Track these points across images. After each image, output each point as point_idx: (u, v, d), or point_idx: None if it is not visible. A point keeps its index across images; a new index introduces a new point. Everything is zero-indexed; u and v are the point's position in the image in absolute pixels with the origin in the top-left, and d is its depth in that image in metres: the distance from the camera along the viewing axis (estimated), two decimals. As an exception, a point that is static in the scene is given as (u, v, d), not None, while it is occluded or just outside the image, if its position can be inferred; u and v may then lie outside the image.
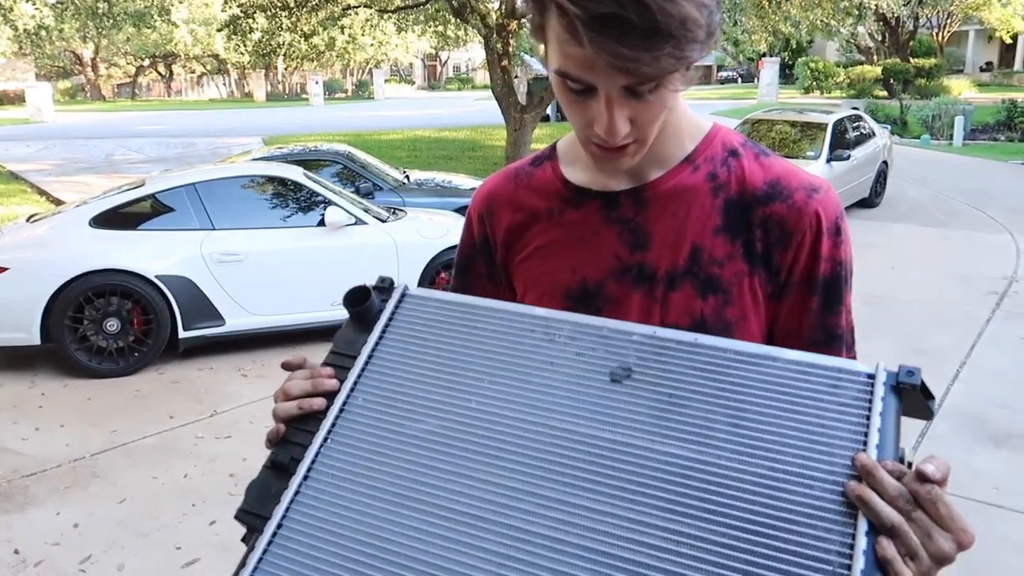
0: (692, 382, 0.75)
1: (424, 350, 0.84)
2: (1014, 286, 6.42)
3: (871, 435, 0.68)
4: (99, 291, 4.70)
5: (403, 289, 0.89)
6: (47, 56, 39.49)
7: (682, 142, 0.91)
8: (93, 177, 12.56)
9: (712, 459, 0.71)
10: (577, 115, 0.81)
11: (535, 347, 0.80)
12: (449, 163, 13.02)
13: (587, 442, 0.74)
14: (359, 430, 0.80)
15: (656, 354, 0.76)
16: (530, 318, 0.82)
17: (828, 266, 0.88)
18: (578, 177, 0.95)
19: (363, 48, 30.36)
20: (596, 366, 0.77)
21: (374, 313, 0.88)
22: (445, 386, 0.81)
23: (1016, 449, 3.74)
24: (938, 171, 12.90)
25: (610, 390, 0.76)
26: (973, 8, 28.38)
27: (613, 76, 0.74)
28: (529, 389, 0.78)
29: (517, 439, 0.76)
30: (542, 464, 0.74)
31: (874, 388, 0.70)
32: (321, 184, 5.55)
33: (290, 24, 12.62)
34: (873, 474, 0.65)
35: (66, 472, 3.61)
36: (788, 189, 0.88)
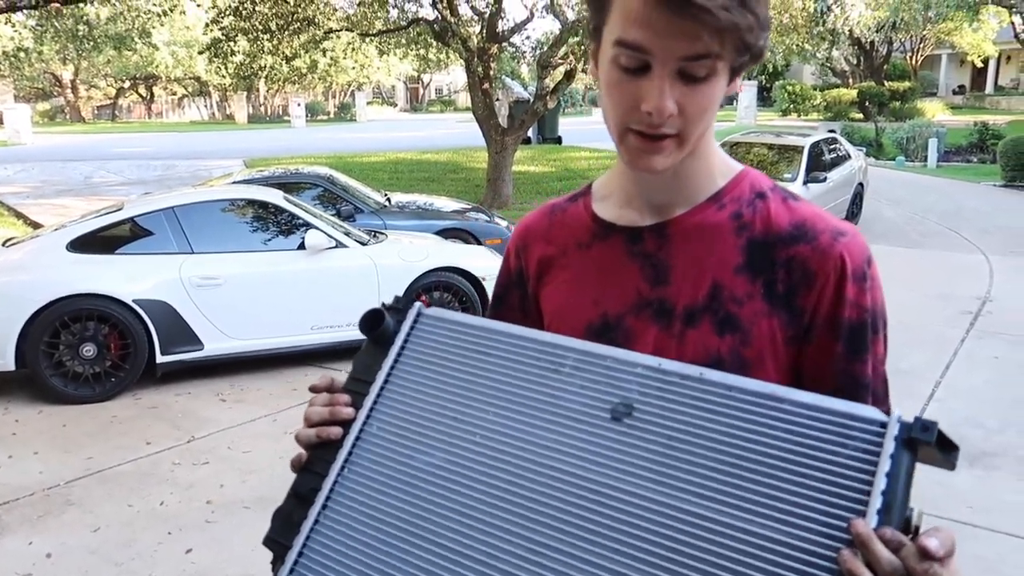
0: (693, 423, 0.73)
1: (436, 376, 0.86)
2: (987, 306, 6.53)
3: (874, 496, 0.64)
4: (76, 316, 4.66)
5: (417, 310, 0.91)
6: (26, 78, 39.26)
7: (712, 180, 0.92)
8: (71, 200, 12.46)
9: (705, 512, 0.69)
10: (623, 97, 0.81)
11: (541, 377, 0.81)
12: (431, 185, 13.05)
13: (581, 486, 0.74)
14: (373, 460, 0.84)
15: (659, 389, 0.75)
16: (538, 345, 0.83)
17: (854, 312, 0.85)
18: (607, 212, 0.97)
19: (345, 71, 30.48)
20: (598, 400, 0.77)
21: (390, 335, 0.90)
22: (453, 416, 0.83)
23: (990, 468, 3.79)
24: (913, 192, 13.11)
25: (610, 429, 0.75)
26: (945, 33, 29.05)
27: (675, 41, 0.76)
28: (531, 424, 0.79)
29: (514, 479, 0.77)
30: (536, 507, 0.75)
31: (884, 441, 0.66)
32: (301, 207, 5.55)
33: (272, 47, 12.66)
34: (867, 546, 0.62)
35: (39, 500, 3.56)
36: (814, 231, 0.87)
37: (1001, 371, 5.08)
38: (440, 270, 5.40)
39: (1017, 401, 4.58)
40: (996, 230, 9.86)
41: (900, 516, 0.65)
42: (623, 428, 0.75)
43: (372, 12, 12.56)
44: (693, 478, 0.71)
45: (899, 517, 0.65)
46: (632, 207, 0.95)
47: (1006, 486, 3.61)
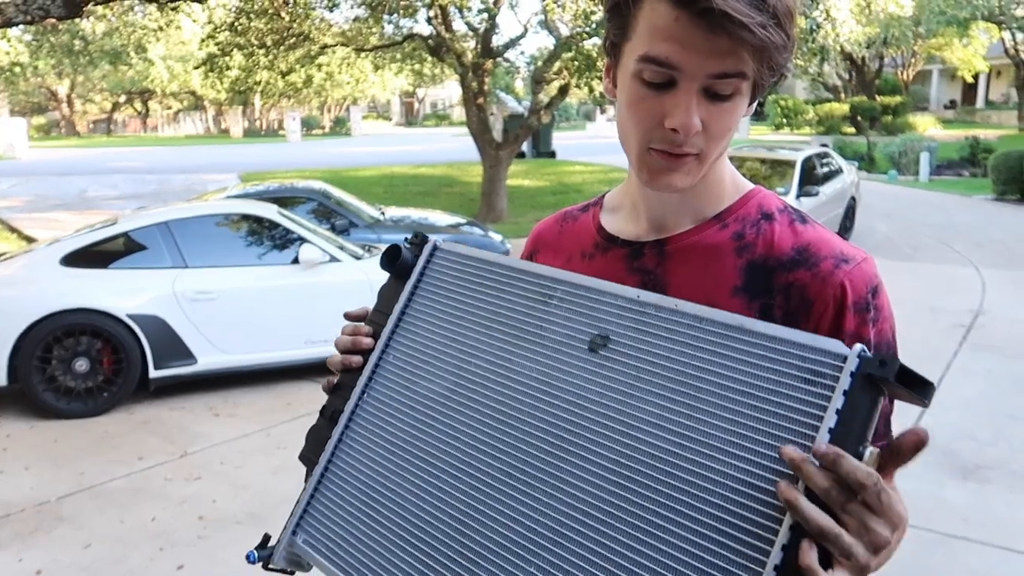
0: (662, 354, 0.76)
1: (444, 307, 0.95)
2: (980, 319, 6.56)
3: (822, 429, 0.64)
4: (69, 330, 4.65)
5: (433, 244, 0.99)
6: (22, 92, 39.30)
7: (719, 200, 0.90)
8: (66, 214, 12.45)
9: (661, 443, 0.74)
10: (647, 114, 0.80)
11: (531, 307, 0.88)
12: (425, 199, 13.08)
13: (555, 414, 0.81)
14: (388, 386, 0.94)
15: (635, 320, 0.80)
16: (532, 277, 0.89)
17: (852, 344, 0.78)
18: (613, 225, 0.98)
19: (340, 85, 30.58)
20: (579, 331, 0.83)
21: (408, 268, 0.98)
22: (455, 345, 0.92)
23: (983, 481, 3.80)
24: (905, 206, 13.19)
25: (586, 360, 0.81)
26: (935, 49, 29.32)
27: (706, 59, 0.75)
28: (519, 354, 0.86)
29: (501, 405, 0.85)
30: (515, 433, 0.83)
31: (840, 375, 0.66)
32: (296, 222, 5.56)
33: (267, 62, 12.71)
34: (801, 468, 0.62)
35: (30, 516, 3.53)
36: (816, 257, 0.84)
37: (994, 384, 5.10)
38: (434, 284, 5.40)
39: (1010, 415, 4.60)
40: (988, 243, 9.92)
41: (857, 443, 0.64)
42: (598, 359, 0.80)
43: (367, 28, 12.63)
44: (655, 410, 0.75)
45: (857, 444, 0.64)
46: (638, 222, 0.95)
47: (999, 499, 3.62)
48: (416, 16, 12.02)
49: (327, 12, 12.25)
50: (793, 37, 0.78)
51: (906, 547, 2.94)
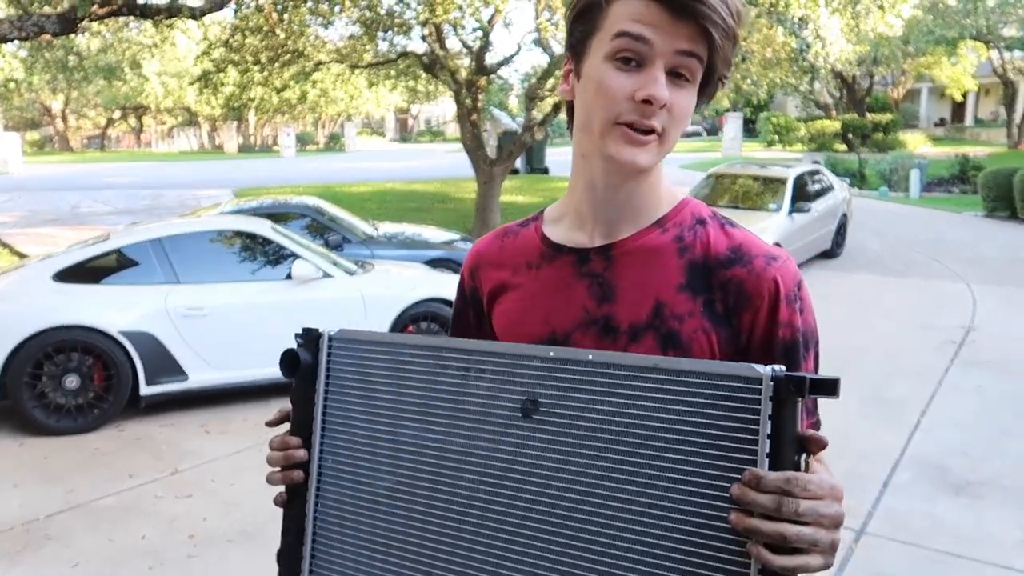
0: (590, 407, 0.79)
1: (364, 399, 0.93)
2: (971, 335, 6.59)
3: (760, 446, 0.71)
4: (60, 347, 4.62)
5: (327, 338, 0.96)
6: (15, 107, 39.29)
7: (657, 206, 0.98)
8: (58, 229, 12.42)
9: (611, 492, 0.77)
10: (618, 90, 0.87)
11: (454, 383, 0.88)
12: (419, 215, 13.10)
13: (507, 484, 0.84)
14: (338, 492, 0.95)
15: (556, 379, 0.82)
16: (444, 352, 0.90)
17: (787, 332, 0.92)
18: (557, 235, 1.02)
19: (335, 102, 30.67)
20: (509, 399, 0.84)
21: (311, 369, 0.96)
22: (390, 439, 0.91)
23: (976, 497, 3.80)
24: (896, 223, 13.27)
25: (524, 427, 0.83)
26: (925, 67, 29.62)
27: (675, 38, 0.85)
28: (457, 433, 0.87)
29: (453, 487, 0.87)
30: (475, 511, 0.85)
31: (761, 400, 0.72)
32: (289, 237, 5.56)
33: (262, 79, 12.75)
34: (745, 499, 0.70)
35: (18, 535, 3.50)
36: (749, 255, 0.93)
37: (985, 400, 5.11)
38: (428, 301, 5.40)
39: (1002, 431, 4.61)
40: (978, 260, 9.98)
41: (788, 459, 0.71)
42: (534, 424, 0.82)
43: (362, 45, 12.70)
44: (598, 461, 0.78)
45: (787, 460, 0.71)
46: (582, 230, 1.00)
47: (991, 516, 3.62)
48: (410, 34, 12.09)
49: (322, 29, 12.33)
50: (738, 40, 0.88)
51: (898, 564, 2.93)
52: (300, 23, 11.31)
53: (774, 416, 0.70)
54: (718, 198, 9.78)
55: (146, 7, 8.32)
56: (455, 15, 10.25)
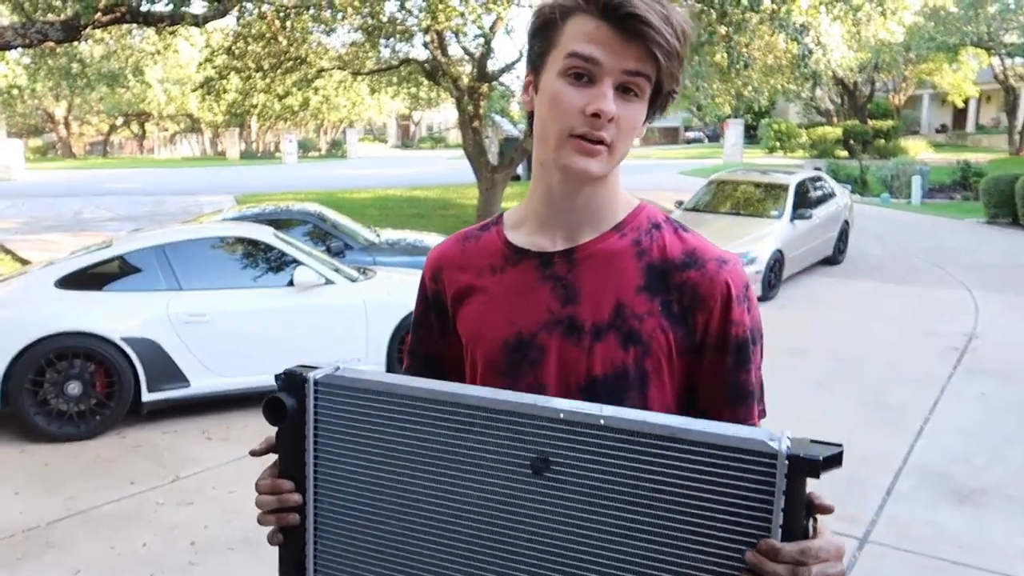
0: (605, 471, 0.79)
1: (359, 449, 0.89)
2: (973, 342, 6.57)
3: (775, 519, 0.73)
4: (62, 353, 4.62)
5: (313, 384, 0.91)
6: (19, 114, 39.39)
7: (615, 212, 1.03)
8: (60, 236, 12.44)
9: (626, 554, 0.77)
10: (568, 104, 0.93)
11: (456, 437, 0.85)
12: (421, 222, 13.11)
13: (519, 538, 0.82)
14: (338, 538, 0.92)
15: (568, 440, 0.80)
16: (442, 405, 0.85)
17: (739, 329, 0.99)
18: (519, 239, 1.06)
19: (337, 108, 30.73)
20: (518, 456, 0.82)
21: (297, 415, 0.91)
22: (388, 487, 0.88)
23: (979, 505, 3.79)
24: (898, 229, 13.26)
25: (534, 483, 0.81)
26: (926, 73, 29.67)
27: (623, 58, 0.91)
28: (463, 487, 0.84)
29: (461, 540, 0.85)
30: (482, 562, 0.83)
31: (776, 475, 0.73)
32: (291, 244, 5.56)
33: (264, 85, 12.79)
34: (761, 568, 0.74)
35: (19, 542, 3.49)
36: (702, 259, 0.99)
37: (988, 408, 5.10)
38: (429, 307, 5.39)
39: (1006, 438, 4.59)
40: (980, 267, 9.97)
41: (799, 528, 0.74)
42: (545, 481, 0.81)
43: (364, 52, 12.73)
44: (613, 522, 0.78)
45: (798, 529, 0.74)
46: (544, 234, 1.04)
47: (995, 524, 3.61)
48: (412, 41, 12.13)
49: (324, 36, 12.36)
50: (682, 60, 0.94)
51: (901, 572, 2.92)
52: (302, 30, 11.35)
53: (787, 491, 0.73)
54: (719, 204, 9.78)
55: (149, 14, 8.35)
56: (457, 22, 10.28)
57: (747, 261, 8.10)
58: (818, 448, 0.73)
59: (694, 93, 11.66)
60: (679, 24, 0.92)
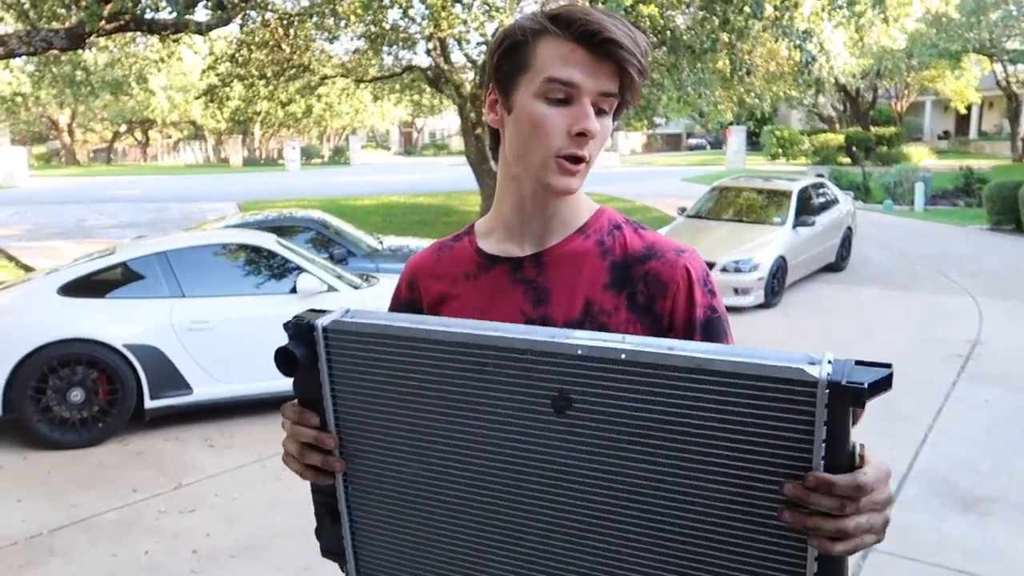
0: (632, 407, 0.75)
1: (377, 393, 0.89)
2: (977, 349, 6.55)
3: (815, 451, 0.68)
4: (64, 360, 4.62)
5: (322, 332, 0.89)
6: (23, 121, 39.54)
7: (578, 216, 1.09)
8: (64, 242, 12.46)
9: (671, 496, 0.74)
10: (552, 127, 0.98)
11: (471, 378, 0.83)
12: (423, 229, 13.12)
13: (548, 474, 0.81)
14: (365, 477, 0.93)
15: (588, 378, 0.77)
16: (451, 347, 0.83)
17: (703, 311, 1.03)
18: (490, 247, 1.11)
19: (340, 115, 30.82)
20: (537, 395, 0.79)
21: (310, 362, 0.90)
22: (410, 430, 0.88)
23: (984, 513, 3.77)
24: (901, 236, 13.25)
25: (558, 422, 0.79)
26: (928, 80, 29.68)
27: (597, 80, 0.96)
28: (481, 428, 0.83)
29: (485, 480, 0.84)
30: (513, 499, 0.83)
31: (816, 396, 0.67)
32: (294, 251, 5.57)
33: (267, 93, 12.83)
34: (807, 500, 0.70)
35: (22, 550, 3.49)
36: (661, 251, 1.05)
37: (993, 415, 5.08)
38: (432, 314, 5.39)
39: (1010, 446, 4.57)
40: (984, 273, 9.95)
41: (844, 458, 0.69)
42: (568, 420, 0.79)
43: (367, 59, 12.78)
44: (642, 461, 0.75)
45: (844, 459, 0.69)
46: (513, 241, 1.09)
47: (1000, 532, 3.59)
48: (415, 48, 12.17)
49: (327, 44, 12.41)
50: (648, 72, 1.00)
51: (907, 583, 2.82)
52: (306, 38, 11.39)
53: (829, 421, 0.67)
54: (722, 211, 9.78)
55: (153, 22, 8.39)
56: (459, 30, 10.31)
57: (750, 268, 8.10)
58: (863, 372, 0.66)
59: (696, 100, 11.67)
60: (643, 44, 0.97)
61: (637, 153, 49.08)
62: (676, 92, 10.72)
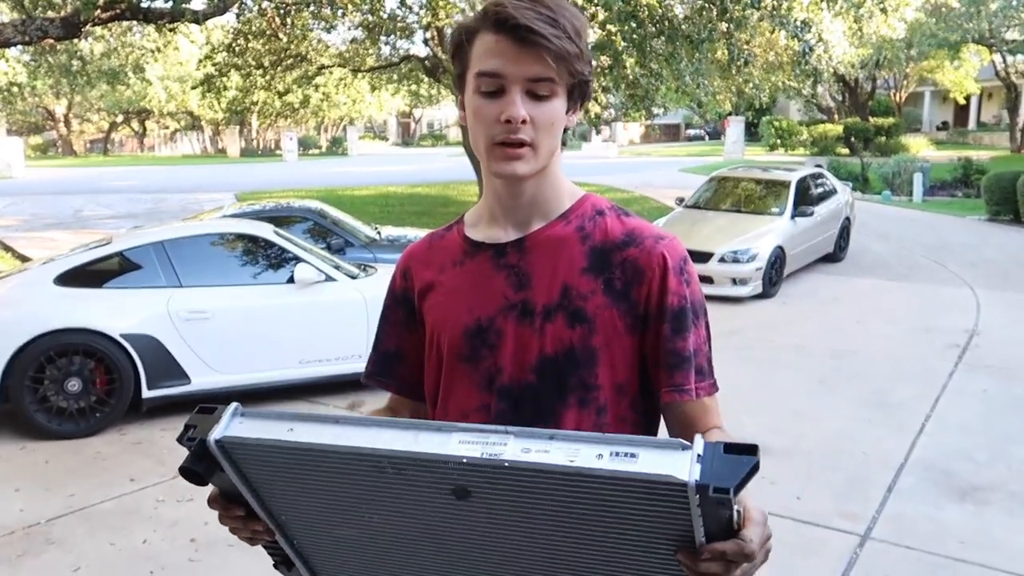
0: (526, 504, 0.80)
1: (290, 486, 0.90)
2: (975, 339, 6.56)
3: (696, 535, 0.76)
4: (62, 350, 4.62)
5: (217, 447, 0.86)
6: (19, 112, 39.38)
7: (561, 202, 1.12)
8: (60, 233, 12.43)
9: (570, 564, 0.82)
10: (485, 117, 1.01)
11: (374, 481, 0.84)
12: (421, 219, 13.09)
13: (464, 549, 0.86)
14: (307, 537, 0.97)
15: (481, 477, 0.79)
16: (348, 457, 0.82)
17: (675, 299, 1.06)
18: (476, 234, 1.14)
19: (337, 106, 30.73)
20: (437, 489, 0.82)
21: (217, 471, 0.90)
22: (332, 524, 0.93)
23: (981, 502, 3.78)
24: (899, 226, 13.25)
25: (461, 506, 0.82)
26: (927, 71, 29.63)
27: (522, 66, 0.98)
28: (392, 519, 0.88)
29: (412, 556, 0.90)
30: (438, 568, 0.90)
31: (688, 496, 0.72)
32: (291, 241, 5.55)
33: (264, 83, 12.79)
34: (696, 568, 0.78)
35: (19, 539, 3.49)
36: (640, 237, 1.07)
37: (990, 405, 5.09)
38: (430, 304, 5.38)
39: (1007, 435, 4.58)
40: (982, 263, 9.95)
41: (724, 531, 0.76)
42: (470, 504, 0.82)
43: (364, 49, 12.72)
44: (545, 537, 0.81)
45: (724, 532, 0.76)
46: (497, 226, 1.12)
47: (997, 521, 3.60)
48: (413, 38, 12.12)
49: (324, 33, 12.36)
50: (586, 51, 1.02)
51: (904, 569, 2.91)
52: (303, 27, 11.34)
53: (703, 513, 0.73)
54: (720, 201, 9.77)
55: (149, 11, 8.34)
56: (457, 19, 10.26)
57: (748, 258, 8.10)
58: (730, 468, 0.70)
59: (695, 90, 11.64)
60: (568, 23, 0.99)
61: (635, 144, 49.00)
62: (674, 82, 10.69)
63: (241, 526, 0.96)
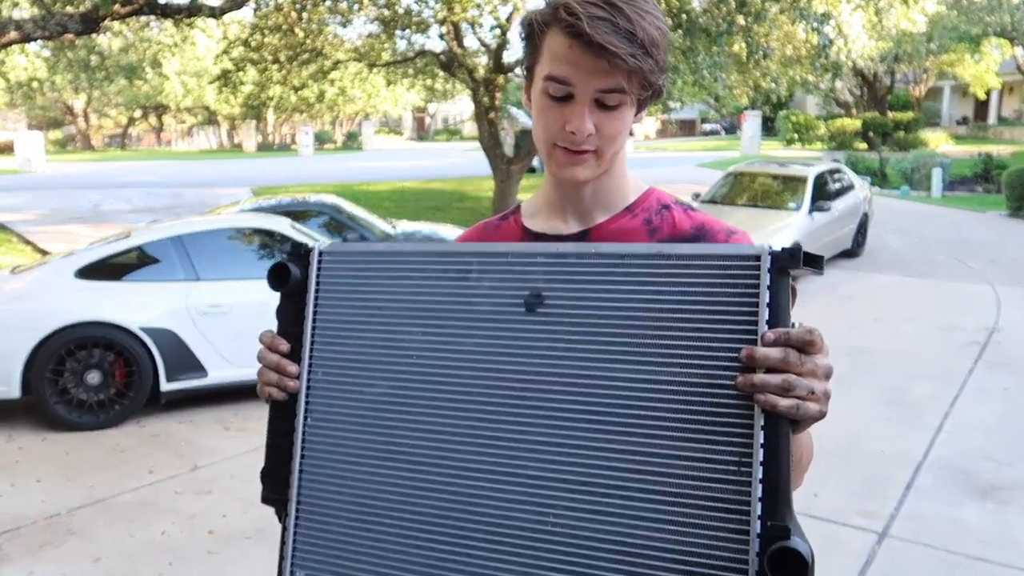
0: (596, 296, 0.83)
1: (357, 310, 0.93)
2: (995, 336, 6.49)
3: (760, 314, 0.77)
4: (81, 343, 4.67)
5: (318, 251, 0.96)
6: (38, 107, 39.78)
7: (625, 195, 1.09)
8: (80, 227, 12.55)
9: (618, 374, 0.80)
10: (551, 120, 0.99)
11: (453, 286, 0.89)
12: (436, 214, 13.12)
13: (511, 377, 0.84)
14: (328, 404, 0.93)
15: (561, 273, 0.85)
16: (441, 256, 0.91)
17: None
18: (536, 225, 1.12)
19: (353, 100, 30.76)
20: (511, 296, 0.86)
21: (300, 284, 0.95)
22: (384, 344, 0.91)
23: (1001, 502, 3.74)
24: (918, 222, 13.12)
25: (527, 321, 0.85)
26: (947, 65, 29.26)
27: (593, 77, 0.94)
28: (456, 334, 0.88)
29: (453, 387, 0.87)
30: (478, 405, 0.85)
31: (760, 273, 0.77)
32: (308, 235, 5.58)
33: (280, 78, 12.81)
34: (755, 357, 0.77)
35: (41, 529, 3.53)
36: (711, 232, 1.05)
37: (1011, 403, 5.03)
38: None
39: (1027, 433, 4.53)
40: (1003, 260, 9.84)
41: (786, 323, 0.78)
42: (538, 317, 0.84)
43: (380, 44, 12.72)
44: (605, 346, 0.81)
45: (786, 324, 0.78)
46: (558, 218, 1.10)
47: (1018, 520, 3.56)
48: (428, 32, 12.10)
49: (340, 28, 12.37)
50: (662, 61, 0.97)
51: (923, 567, 2.89)
52: (319, 22, 11.36)
53: (771, 286, 0.76)
54: (737, 197, 9.71)
55: (167, 6, 8.39)
56: (473, 13, 10.25)
57: (765, 254, 8.04)
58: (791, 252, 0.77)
59: (712, 84, 11.56)
60: (647, 35, 0.94)
61: (651, 139, 48.77)
62: (691, 76, 10.62)
63: (275, 365, 0.96)
